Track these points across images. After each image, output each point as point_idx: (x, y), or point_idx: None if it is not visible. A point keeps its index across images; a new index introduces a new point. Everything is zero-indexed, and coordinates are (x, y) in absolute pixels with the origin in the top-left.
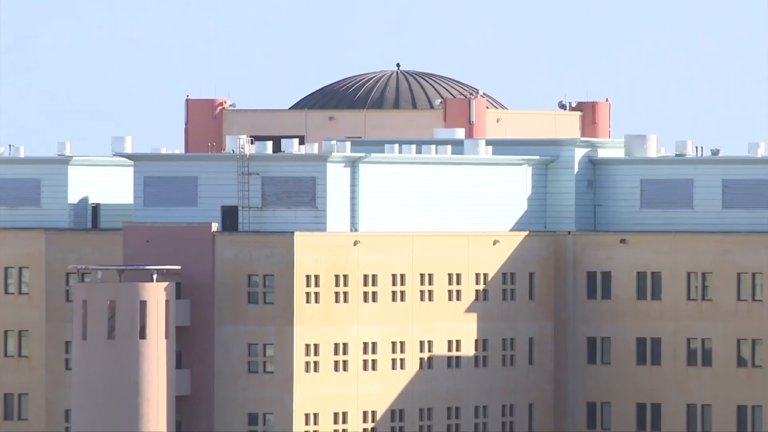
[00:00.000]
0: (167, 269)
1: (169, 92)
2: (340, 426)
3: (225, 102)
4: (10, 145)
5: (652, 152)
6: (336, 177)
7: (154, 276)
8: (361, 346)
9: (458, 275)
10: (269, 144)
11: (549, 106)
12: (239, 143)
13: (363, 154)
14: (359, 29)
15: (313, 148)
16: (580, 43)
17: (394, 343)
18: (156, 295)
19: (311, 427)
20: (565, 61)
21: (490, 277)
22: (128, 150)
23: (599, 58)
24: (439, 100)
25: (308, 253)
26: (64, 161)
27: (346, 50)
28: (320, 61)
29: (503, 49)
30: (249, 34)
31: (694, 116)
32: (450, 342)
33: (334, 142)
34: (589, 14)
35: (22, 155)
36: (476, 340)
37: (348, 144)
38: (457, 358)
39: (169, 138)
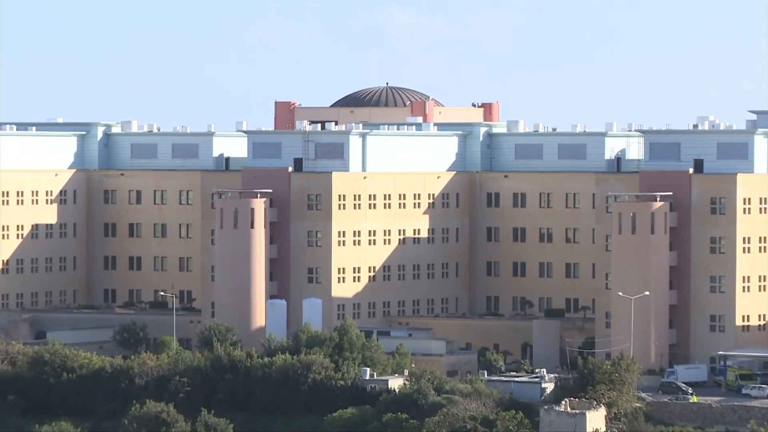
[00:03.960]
0: (265, 191)
1: (265, 96)
2: (356, 274)
3: (295, 103)
4: (181, 126)
5: (521, 129)
6: (354, 143)
7: (258, 195)
8: (368, 232)
9: (419, 194)
10: (319, 125)
11: (466, 105)
12: (303, 124)
13: (369, 131)
14: (367, 64)
15: (342, 128)
16: (483, 71)
17: (385, 230)
18: (259, 205)
19: (341, 275)
20: (476, 81)
21: (435, 195)
22: (244, 128)
23: (494, 80)
24: (409, 102)
25: (339, 183)
26: (210, 134)
27: (360, 75)
28: (346, 81)
29: (442, 74)
30: (311, 65)
31: (543, 109)
32: (414, 230)
33: (353, 124)
34: (488, 56)
35: (188, 131)
36: (428, 229)
37: (361, 125)
38: (419, 238)
39: (265, 121)
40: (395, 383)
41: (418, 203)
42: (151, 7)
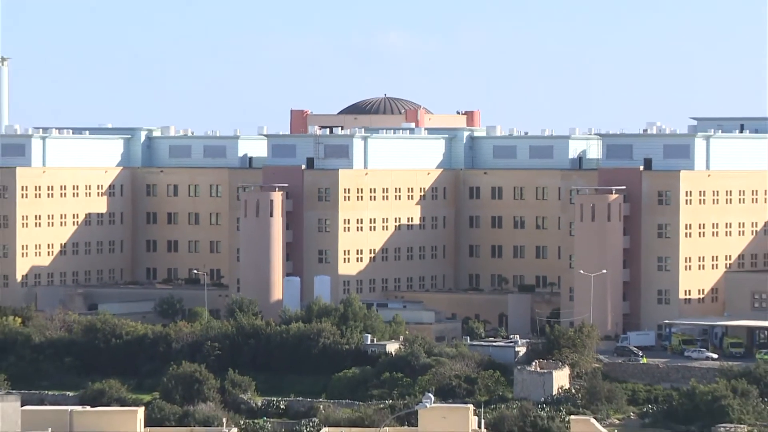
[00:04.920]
0: (282, 186)
1: (282, 105)
2: (359, 256)
3: (308, 111)
4: (211, 130)
5: (498, 133)
6: (358, 145)
7: (276, 188)
8: (369, 220)
9: (412, 188)
10: (327, 130)
11: (452, 112)
12: (314, 129)
13: (370, 134)
14: (368, 78)
15: (347, 132)
16: (466, 84)
17: (383, 218)
18: (277, 197)
19: (346, 256)
20: (460, 93)
21: (426, 189)
22: (264, 132)
23: (475, 91)
24: (404, 110)
25: (345, 178)
26: (235, 137)
27: (362, 87)
28: (351, 92)
29: (431, 87)
30: (321, 79)
31: (517, 116)
32: (408, 218)
33: (356, 129)
34: (471, 71)
35: (217, 135)
36: (420, 217)
37: (363, 130)
38: (412, 225)
39: (282, 126)
40: (392, 347)
41: (411, 195)
42: (187, 31)
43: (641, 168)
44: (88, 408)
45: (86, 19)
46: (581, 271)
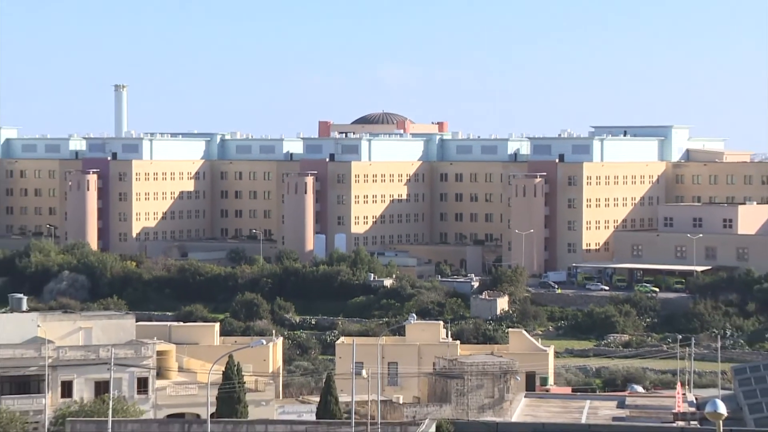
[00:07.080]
0: (313, 173)
1: (314, 117)
2: (365, 220)
3: (330, 121)
4: (265, 134)
5: (460, 136)
6: (364, 145)
7: (309, 174)
8: (372, 196)
9: (401, 174)
10: (344, 134)
11: (428, 122)
12: (335, 134)
13: (373, 138)
14: (372, 98)
15: (357, 136)
16: (439, 102)
17: (381, 195)
18: (310, 180)
19: (357, 220)
20: (434, 108)
21: (411, 174)
22: (301, 136)
23: (445, 107)
24: (396, 121)
25: (356, 167)
26: (281, 139)
27: (367, 104)
28: (360, 108)
29: (415, 104)
30: (339, 99)
31: (472, 124)
32: (399, 194)
33: (364, 134)
34: (442, 93)
35: (269, 138)
36: (407, 194)
37: (368, 134)
38: (401, 199)
39: (312, 132)
40: (388, 282)
41: (401, 179)
42: (248, 67)
43: (557, 161)
44: (181, 323)
45: (178, 56)
46: (516, 231)
